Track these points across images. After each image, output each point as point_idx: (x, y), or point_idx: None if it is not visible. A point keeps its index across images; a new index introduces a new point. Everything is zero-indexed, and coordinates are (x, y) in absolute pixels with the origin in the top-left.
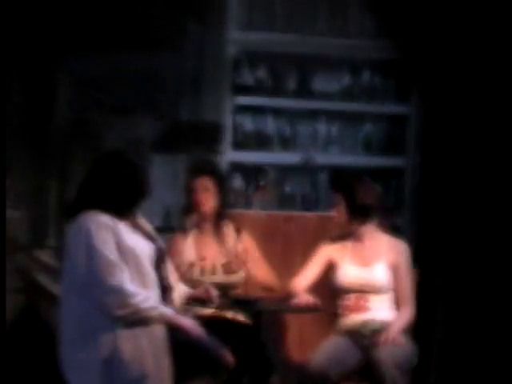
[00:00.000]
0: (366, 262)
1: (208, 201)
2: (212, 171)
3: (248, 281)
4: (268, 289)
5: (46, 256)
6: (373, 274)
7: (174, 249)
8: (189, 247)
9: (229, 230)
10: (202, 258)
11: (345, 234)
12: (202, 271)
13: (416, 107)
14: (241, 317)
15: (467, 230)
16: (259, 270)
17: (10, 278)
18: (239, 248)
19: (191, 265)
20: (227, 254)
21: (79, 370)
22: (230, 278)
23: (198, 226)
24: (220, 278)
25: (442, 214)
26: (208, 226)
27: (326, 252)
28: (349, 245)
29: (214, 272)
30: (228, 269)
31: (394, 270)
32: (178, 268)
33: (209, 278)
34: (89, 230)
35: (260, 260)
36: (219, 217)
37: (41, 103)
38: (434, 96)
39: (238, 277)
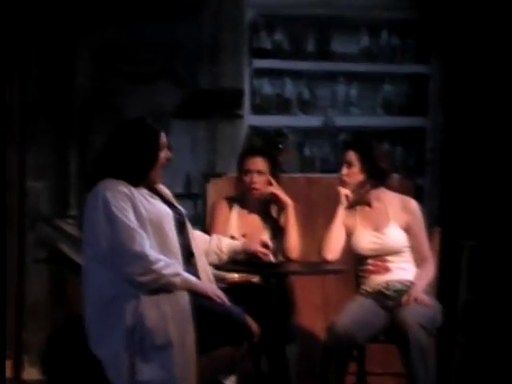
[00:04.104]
0: (377, 227)
1: (261, 184)
2: (267, 152)
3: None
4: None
5: (68, 226)
6: (386, 237)
7: (222, 213)
8: (233, 220)
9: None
10: (243, 235)
11: (351, 201)
12: None
13: (436, 66)
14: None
15: (490, 190)
16: (289, 238)
17: (33, 248)
18: (281, 219)
19: (231, 238)
20: (268, 230)
21: (105, 341)
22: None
23: (245, 203)
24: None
25: (464, 173)
26: (255, 204)
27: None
28: (357, 211)
29: None
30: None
31: (408, 229)
32: (221, 232)
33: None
34: (105, 198)
35: (294, 228)
36: (268, 197)
37: (60, 74)
38: (455, 55)
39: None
